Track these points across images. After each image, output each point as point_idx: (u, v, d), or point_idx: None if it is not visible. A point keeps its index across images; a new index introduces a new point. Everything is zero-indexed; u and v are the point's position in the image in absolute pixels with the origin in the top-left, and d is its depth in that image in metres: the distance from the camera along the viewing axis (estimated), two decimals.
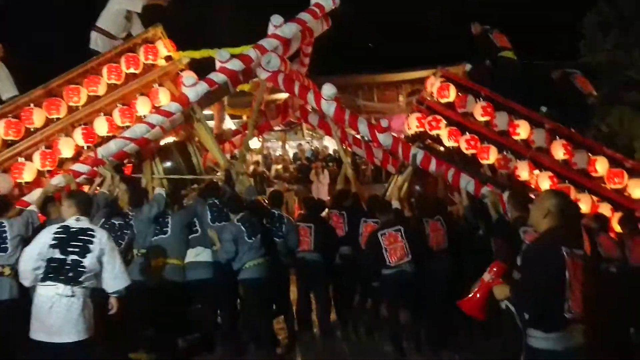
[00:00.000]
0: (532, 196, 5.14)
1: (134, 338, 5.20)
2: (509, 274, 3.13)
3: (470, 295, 2.92)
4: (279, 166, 13.83)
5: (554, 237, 2.73)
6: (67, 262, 3.61)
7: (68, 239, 3.67)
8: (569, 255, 2.64)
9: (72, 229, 3.73)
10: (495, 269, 2.86)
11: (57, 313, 3.52)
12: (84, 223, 3.82)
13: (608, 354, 4.89)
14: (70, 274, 3.59)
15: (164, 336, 5.21)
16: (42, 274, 3.60)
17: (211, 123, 9.00)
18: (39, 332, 3.56)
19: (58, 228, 3.75)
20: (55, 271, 3.59)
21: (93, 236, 3.72)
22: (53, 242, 3.65)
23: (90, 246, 3.67)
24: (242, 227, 5.18)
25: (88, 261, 3.65)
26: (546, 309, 2.65)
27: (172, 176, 6.77)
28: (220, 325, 5.40)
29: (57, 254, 3.62)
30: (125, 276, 3.86)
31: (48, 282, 3.58)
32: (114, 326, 5.06)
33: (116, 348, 5.17)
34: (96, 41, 7.38)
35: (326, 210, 6.88)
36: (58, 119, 6.73)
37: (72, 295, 3.56)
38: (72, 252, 3.64)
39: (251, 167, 12.70)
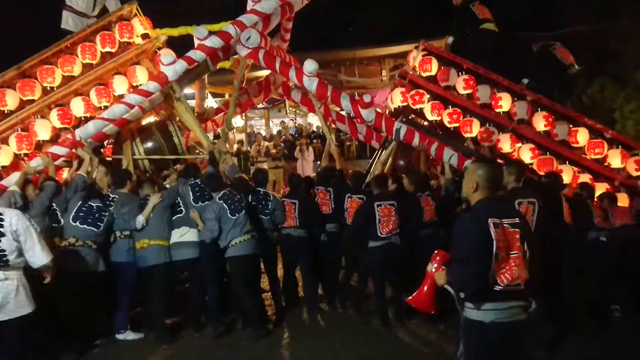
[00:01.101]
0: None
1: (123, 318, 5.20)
2: None
3: (417, 291, 2.89)
4: (270, 143, 13.72)
5: (481, 209, 2.70)
6: None
7: None
8: (498, 227, 2.60)
9: None
10: (437, 258, 2.84)
11: None
12: None
13: (588, 322, 5.03)
14: None
15: (152, 316, 5.21)
16: None
17: (192, 102, 8.87)
18: None
19: None
20: None
21: (2, 220, 3.67)
22: None
23: (2, 230, 3.63)
24: (224, 205, 5.14)
25: (4, 244, 3.63)
26: (472, 281, 2.63)
27: (153, 156, 6.70)
28: (207, 304, 5.40)
29: None
30: (47, 251, 3.83)
31: None
32: (100, 306, 5.09)
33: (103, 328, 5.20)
34: (67, 20, 7.16)
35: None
36: (33, 100, 6.56)
37: (6, 279, 3.61)
38: None
39: (235, 146, 12.62)
